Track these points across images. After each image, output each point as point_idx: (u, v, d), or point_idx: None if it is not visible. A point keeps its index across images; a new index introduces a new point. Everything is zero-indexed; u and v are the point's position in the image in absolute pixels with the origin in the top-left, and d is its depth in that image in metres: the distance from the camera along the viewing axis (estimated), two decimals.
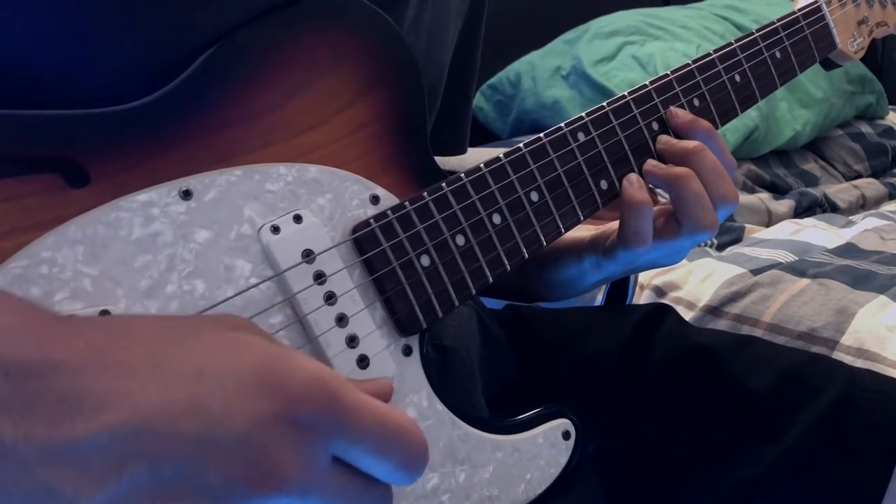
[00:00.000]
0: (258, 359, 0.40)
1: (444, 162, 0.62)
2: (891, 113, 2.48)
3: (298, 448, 0.39)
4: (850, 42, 0.89)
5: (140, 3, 0.49)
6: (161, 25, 0.50)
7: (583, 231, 0.77)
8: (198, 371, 0.38)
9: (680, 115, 0.71)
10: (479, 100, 2.14)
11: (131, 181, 0.47)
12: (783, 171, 2.07)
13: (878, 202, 2.02)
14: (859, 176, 2.19)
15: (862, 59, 0.93)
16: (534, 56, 2.10)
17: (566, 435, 0.62)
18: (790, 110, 2.06)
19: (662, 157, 0.70)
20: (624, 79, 1.90)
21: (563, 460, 0.62)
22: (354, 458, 0.41)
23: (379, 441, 0.41)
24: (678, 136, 0.71)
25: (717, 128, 0.74)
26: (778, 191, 1.98)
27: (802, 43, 0.83)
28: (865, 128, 2.34)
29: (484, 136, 2.11)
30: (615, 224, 0.72)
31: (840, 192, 1.99)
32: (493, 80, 2.12)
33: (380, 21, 0.56)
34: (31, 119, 0.45)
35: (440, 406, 0.57)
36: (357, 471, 0.42)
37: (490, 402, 0.75)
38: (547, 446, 0.61)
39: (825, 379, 0.79)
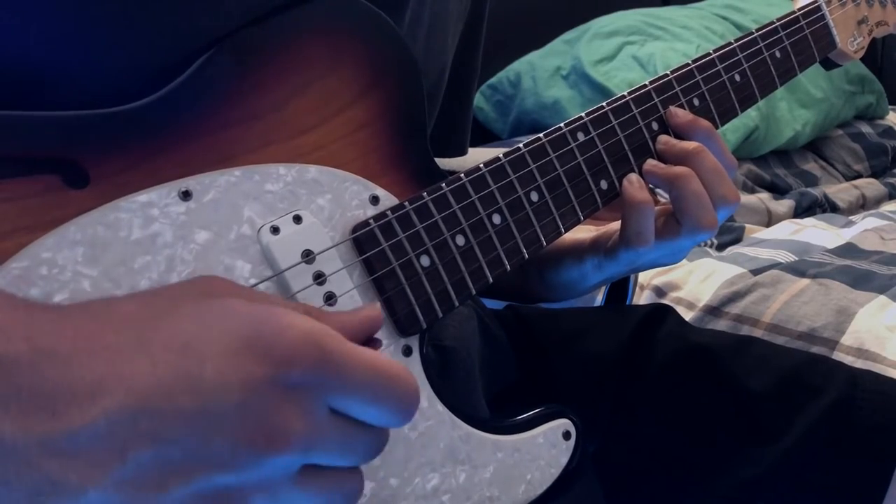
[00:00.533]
0: (244, 322, 0.40)
1: (443, 162, 0.62)
2: (891, 113, 2.48)
3: (296, 406, 0.40)
4: (850, 41, 0.89)
5: (141, 4, 0.49)
6: (161, 27, 0.50)
7: (583, 232, 0.77)
8: (184, 344, 0.38)
9: (680, 114, 0.71)
10: (479, 100, 2.13)
11: (131, 182, 0.47)
12: (783, 171, 2.07)
13: (878, 202, 2.02)
14: (859, 176, 2.19)
15: (862, 59, 0.93)
16: (534, 56, 2.10)
17: (567, 435, 0.62)
18: (790, 110, 2.06)
19: (662, 158, 0.70)
20: (624, 79, 1.90)
21: (564, 460, 0.62)
22: (350, 408, 0.42)
23: (372, 390, 0.42)
24: (678, 135, 0.71)
25: (716, 127, 0.73)
26: (778, 191, 1.98)
27: (802, 42, 0.82)
28: (865, 128, 2.34)
29: (484, 136, 2.11)
30: (616, 225, 0.72)
31: (840, 192, 1.99)
32: (493, 80, 2.12)
33: (379, 22, 0.56)
34: (31, 120, 0.45)
35: (440, 406, 0.57)
36: (353, 419, 0.43)
37: (490, 403, 0.75)
38: (547, 446, 0.61)
39: (825, 379, 0.79)
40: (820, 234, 1.60)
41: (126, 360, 0.37)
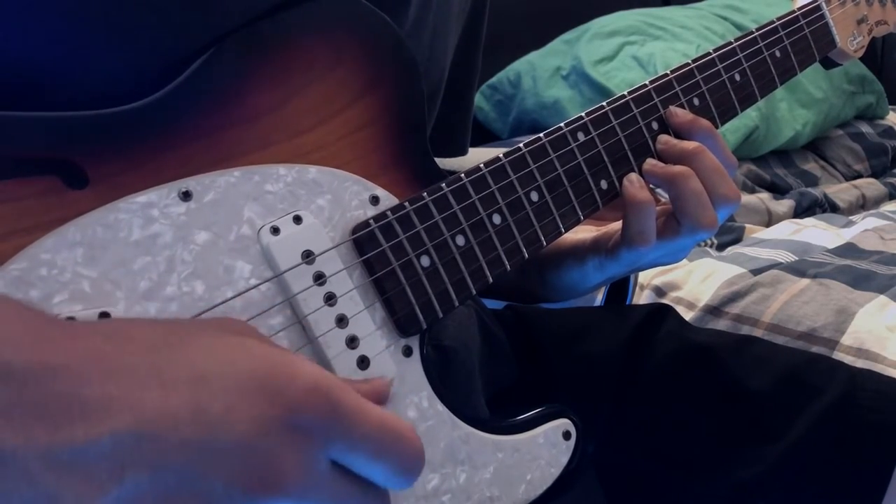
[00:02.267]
0: (259, 363, 0.40)
1: (443, 162, 0.62)
2: (891, 113, 2.48)
3: (298, 452, 0.39)
4: (850, 41, 0.89)
5: (140, 5, 0.49)
6: (161, 27, 0.50)
7: (584, 233, 0.77)
8: (198, 376, 0.38)
9: (679, 114, 0.71)
10: (479, 100, 2.13)
11: (130, 182, 0.47)
12: (783, 171, 2.07)
13: (878, 202, 2.02)
14: (859, 176, 2.19)
15: (862, 59, 0.93)
16: (534, 56, 2.10)
17: (567, 435, 0.62)
18: (790, 110, 2.06)
19: (662, 157, 0.70)
20: (624, 79, 1.90)
21: (564, 460, 0.62)
22: (353, 462, 0.42)
23: (377, 446, 0.42)
24: (678, 135, 0.71)
25: (716, 127, 0.73)
26: (778, 191, 1.98)
27: (802, 42, 0.82)
28: (865, 128, 2.34)
29: (484, 136, 2.11)
30: (617, 225, 0.72)
31: (840, 192, 1.99)
32: (493, 80, 2.12)
33: (380, 22, 0.56)
34: (30, 120, 0.45)
35: (441, 406, 0.57)
36: (355, 475, 0.42)
37: (490, 403, 0.75)
38: (547, 446, 0.61)
39: (825, 379, 0.79)
40: (820, 234, 1.60)
41: (138, 385, 0.37)
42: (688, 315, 1.33)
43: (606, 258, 0.73)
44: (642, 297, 1.42)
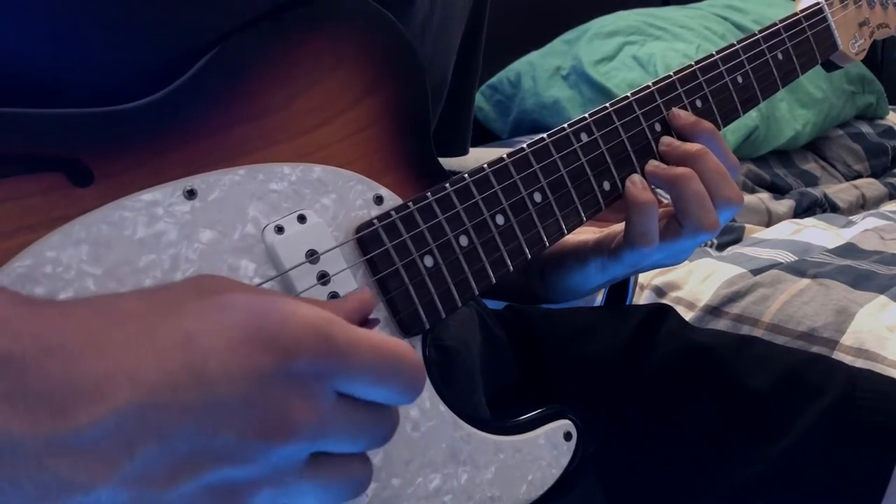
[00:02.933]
0: (246, 314, 0.40)
1: (445, 163, 0.62)
2: (891, 113, 2.48)
3: (303, 394, 0.40)
4: (852, 44, 0.89)
5: (144, 4, 0.49)
6: (165, 26, 0.50)
7: (587, 234, 0.77)
8: (188, 338, 0.38)
9: (682, 116, 0.71)
10: (479, 100, 2.13)
11: (135, 180, 0.47)
12: (783, 171, 2.07)
13: (878, 202, 2.02)
14: (859, 176, 2.19)
15: (862, 60, 0.93)
16: (534, 56, 2.10)
17: (567, 436, 0.62)
18: (790, 110, 2.06)
19: (665, 159, 0.70)
20: (624, 79, 1.90)
21: (565, 461, 0.62)
22: (357, 390, 0.42)
23: (378, 371, 0.42)
24: (681, 137, 0.71)
25: (719, 129, 0.73)
26: (778, 191, 1.98)
27: (804, 44, 0.82)
28: (865, 128, 2.34)
29: (484, 137, 2.11)
30: (619, 226, 0.72)
31: (840, 192, 1.99)
32: (493, 80, 2.12)
33: (384, 21, 0.56)
34: (35, 118, 0.45)
35: (442, 407, 0.57)
36: (361, 401, 0.43)
37: (491, 403, 0.75)
38: (548, 447, 0.61)
39: (825, 379, 0.80)
40: (820, 234, 1.60)
41: (131, 355, 0.37)
42: (688, 315, 1.33)
43: (609, 259, 0.73)
44: (642, 297, 1.42)
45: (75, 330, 0.37)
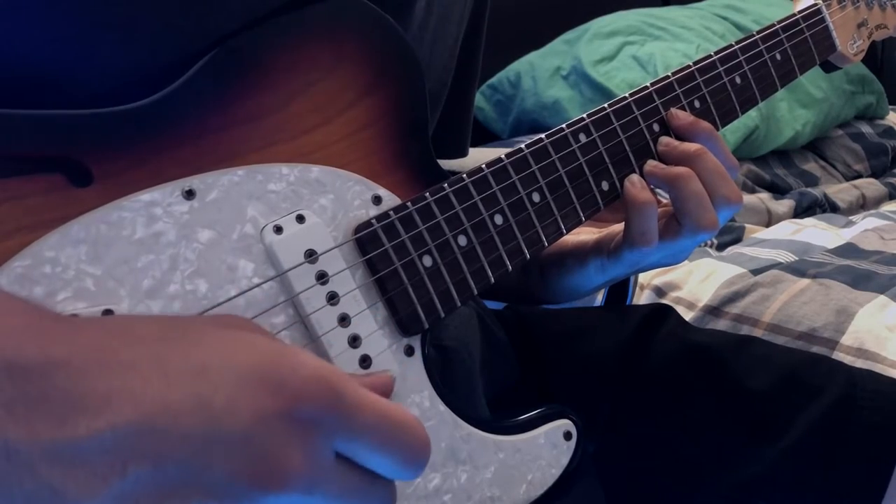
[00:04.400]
0: (260, 356, 0.40)
1: (444, 163, 0.62)
2: (891, 113, 2.48)
3: (302, 444, 0.39)
4: (850, 44, 0.89)
5: (144, 5, 0.49)
6: (165, 27, 0.50)
7: (586, 235, 0.77)
8: (200, 369, 0.38)
9: (681, 116, 0.71)
10: (479, 100, 2.13)
11: (134, 181, 0.47)
12: (783, 171, 2.07)
13: (878, 202, 2.02)
14: (859, 176, 2.19)
15: (862, 60, 0.94)
16: (534, 56, 2.10)
17: (567, 435, 0.62)
18: (790, 110, 2.06)
19: (664, 159, 0.70)
20: (624, 79, 1.90)
21: (565, 461, 0.62)
22: (357, 454, 0.42)
23: (381, 437, 0.42)
24: (679, 137, 0.71)
25: (717, 129, 0.74)
26: (778, 191, 1.98)
27: (803, 45, 0.83)
28: (865, 128, 2.34)
29: (484, 136, 2.11)
30: (619, 226, 0.72)
31: (840, 192, 1.99)
32: (493, 80, 2.12)
33: (383, 23, 0.56)
34: (35, 119, 0.45)
35: (442, 406, 0.57)
36: (360, 467, 0.42)
37: (491, 403, 0.75)
38: (548, 447, 0.61)
39: (825, 379, 0.80)
40: (820, 234, 1.60)
41: (139, 377, 0.37)
42: (688, 315, 1.33)
43: (608, 259, 0.73)
44: (642, 298, 1.42)
45: (85, 346, 0.37)
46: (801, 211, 1.84)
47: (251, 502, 0.38)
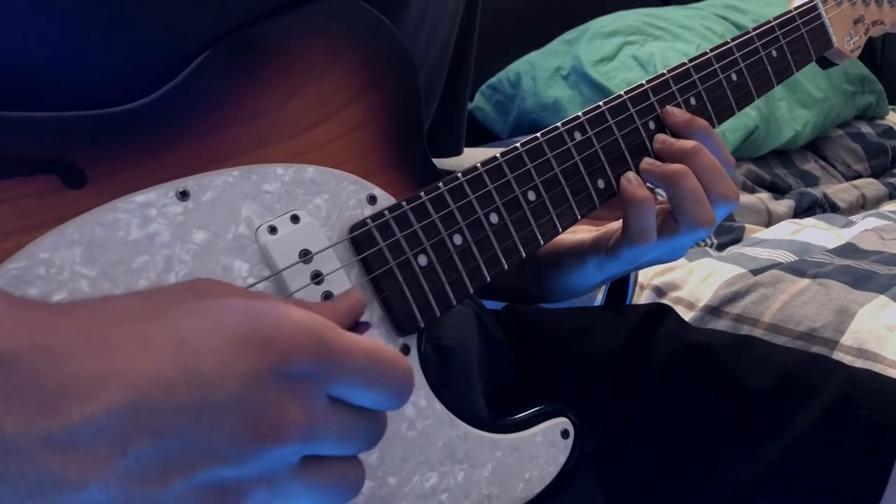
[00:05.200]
0: (241, 317, 0.40)
1: (440, 163, 0.62)
2: (891, 113, 2.48)
3: (296, 396, 0.40)
4: (847, 41, 0.89)
5: (141, 5, 0.49)
6: (161, 27, 0.50)
7: (583, 233, 0.77)
8: (183, 338, 0.39)
9: (676, 113, 0.71)
10: (479, 100, 2.14)
11: (129, 182, 0.47)
12: (783, 171, 2.07)
13: (878, 202, 2.02)
14: (859, 176, 2.19)
15: (862, 59, 0.94)
16: (534, 56, 2.10)
17: (565, 434, 0.62)
18: (790, 110, 2.06)
19: (660, 156, 0.70)
20: (624, 79, 1.90)
21: (562, 459, 0.62)
22: (349, 395, 0.43)
23: (370, 377, 0.43)
24: (675, 134, 0.71)
25: (713, 126, 0.73)
26: (778, 191, 1.98)
27: (799, 42, 0.82)
28: (865, 128, 2.34)
29: (484, 136, 2.11)
30: (616, 224, 0.72)
31: (840, 192, 1.99)
32: (493, 80, 2.12)
33: (377, 23, 0.56)
34: (29, 120, 0.45)
35: (438, 405, 0.57)
36: (352, 405, 0.43)
37: (490, 402, 0.75)
38: (545, 445, 0.62)
39: (825, 379, 0.80)
40: (820, 234, 1.60)
41: (125, 354, 0.37)
42: (688, 315, 1.33)
43: (606, 257, 0.73)
44: (642, 297, 1.42)
45: (69, 330, 0.37)
46: (801, 211, 1.84)
47: (256, 460, 0.39)
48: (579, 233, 0.77)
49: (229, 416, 0.38)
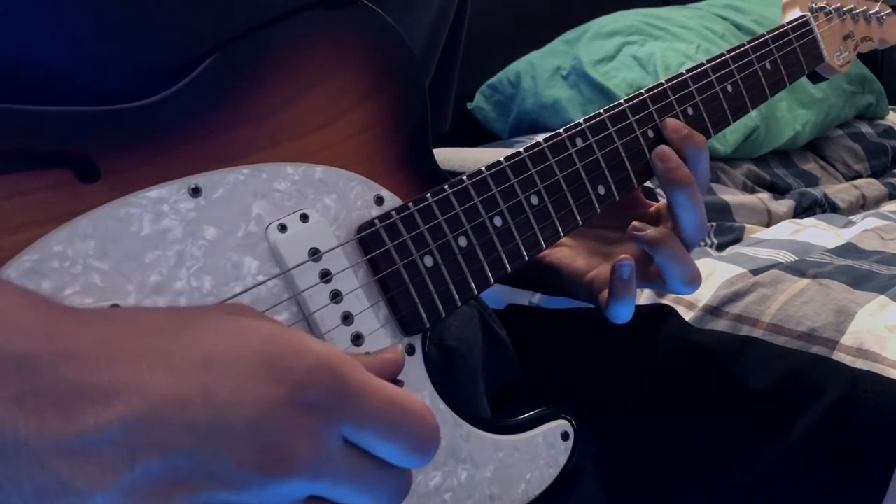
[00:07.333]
0: (265, 343, 0.40)
1: (444, 163, 0.62)
2: (891, 113, 2.48)
3: (308, 431, 0.40)
4: (837, 55, 0.91)
5: (151, 7, 0.49)
6: (171, 30, 0.50)
7: (581, 261, 0.78)
8: (205, 358, 0.39)
9: (677, 127, 0.72)
10: (479, 100, 2.14)
11: (141, 177, 0.47)
12: (783, 171, 2.07)
13: (878, 202, 2.01)
14: (859, 176, 2.18)
15: (862, 59, 0.95)
16: (534, 56, 2.10)
17: (565, 436, 0.63)
18: (790, 110, 2.06)
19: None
20: (624, 79, 1.90)
21: (562, 461, 0.63)
22: (365, 441, 0.42)
23: (387, 424, 0.42)
24: (672, 146, 0.72)
25: (709, 136, 0.75)
26: (778, 191, 1.98)
27: (791, 55, 0.85)
28: (865, 128, 2.34)
29: (484, 136, 2.11)
30: (607, 275, 0.73)
31: (840, 192, 1.98)
32: (493, 80, 2.12)
33: (385, 27, 0.57)
34: (44, 114, 0.45)
35: (442, 405, 0.58)
36: (370, 455, 0.42)
37: (493, 402, 0.76)
38: (546, 447, 0.62)
39: (826, 380, 0.80)
40: (820, 234, 1.60)
41: (146, 369, 0.37)
42: (688, 315, 1.33)
43: (596, 301, 0.75)
44: (642, 298, 1.42)
45: (92, 339, 0.38)
46: (801, 211, 1.84)
47: (260, 489, 0.39)
48: (576, 260, 0.78)
49: (239, 441, 0.38)
